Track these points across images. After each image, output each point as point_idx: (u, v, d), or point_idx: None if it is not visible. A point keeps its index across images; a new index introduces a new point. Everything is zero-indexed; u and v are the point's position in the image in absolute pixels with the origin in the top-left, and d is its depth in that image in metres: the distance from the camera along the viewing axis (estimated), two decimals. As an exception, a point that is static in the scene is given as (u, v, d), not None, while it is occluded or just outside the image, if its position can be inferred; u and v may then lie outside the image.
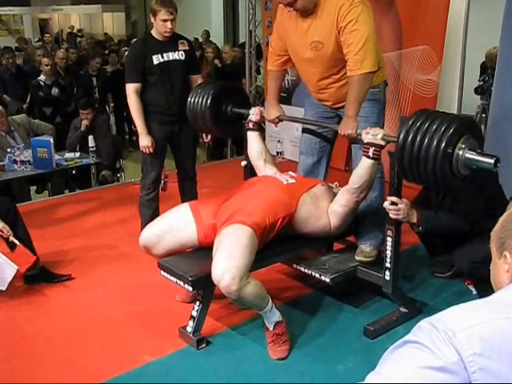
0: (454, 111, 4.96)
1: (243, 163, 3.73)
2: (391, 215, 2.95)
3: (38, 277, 3.62)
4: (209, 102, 3.59)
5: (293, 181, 3.23)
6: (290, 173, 3.37)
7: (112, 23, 19.89)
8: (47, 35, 15.78)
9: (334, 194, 3.30)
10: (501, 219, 1.21)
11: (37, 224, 4.35)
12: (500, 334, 0.99)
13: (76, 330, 3.16)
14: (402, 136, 2.64)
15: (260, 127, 3.65)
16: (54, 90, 6.88)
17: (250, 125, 3.59)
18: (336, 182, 3.56)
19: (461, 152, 2.57)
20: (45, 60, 6.93)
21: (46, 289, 3.61)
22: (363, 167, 3.02)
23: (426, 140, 2.56)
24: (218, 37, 13.63)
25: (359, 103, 3.09)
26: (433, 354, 0.98)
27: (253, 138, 3.60)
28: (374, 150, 2.95)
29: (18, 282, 3.44)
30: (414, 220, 3.02)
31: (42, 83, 6.89)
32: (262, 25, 6.88)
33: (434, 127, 2.56)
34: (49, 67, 6.86)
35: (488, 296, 1.12)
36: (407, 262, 3.76)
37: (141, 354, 2.92)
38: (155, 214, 3.94)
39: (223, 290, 2.68)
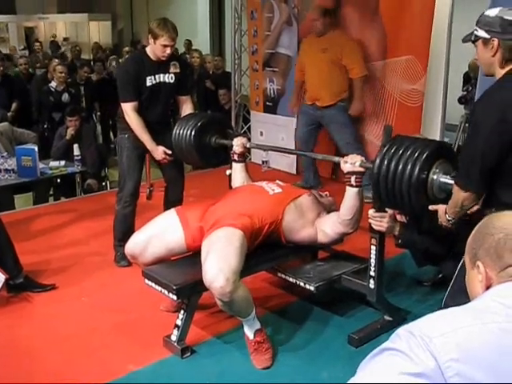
0: (439, 120, 5.01)
1: (228, 172, 3.72)
2: (374, 226, 2.98)
3: (22, 286, 3.59)
4: (193, 133, 3.62)
5: (279, 190, 3.24)
6: (278, 181, 3.38)
7: (98, 32, 19.83)
8: (37, 44, 15.61)
9: (323, 205, 3.32)
10: (473, 231, 1.23)
11: (21, 233, 4.31)
12: (476, 339, 1.00)
13: (60, 340, 3.14)
14: (377, 162, 2.66)
15: (245, 158, 3.66)
16: (65, 96, 7.04)
17: (235, 156, 3.60)
18: (326, 192, 3.58)
19: (435, 176, 2.58)
20: (59, 68, 7.19)
21: (30, 298, 3.58)
22: (350, 197, 3.01)
23: (401, 165, 2.56)
24: (204, 46, 13.63)
25: None
26: (411, 360, 0.99)
27: (236, 169, 3.61)
28: (356, 178, 2.96)
29: (1, 290, 3.41)
30: (396, 232, 3.07)
31: (52, 89, 7.04)
32: (248, 34, 6.90)
33: (409, 152, 2.57)
34: (63, 74, 7.10)
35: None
36: (392, 271, 3.78)
37: (125, 363, 2.90)
38: (130, 231, 3.73)
39: (216, 291, 2.65)
